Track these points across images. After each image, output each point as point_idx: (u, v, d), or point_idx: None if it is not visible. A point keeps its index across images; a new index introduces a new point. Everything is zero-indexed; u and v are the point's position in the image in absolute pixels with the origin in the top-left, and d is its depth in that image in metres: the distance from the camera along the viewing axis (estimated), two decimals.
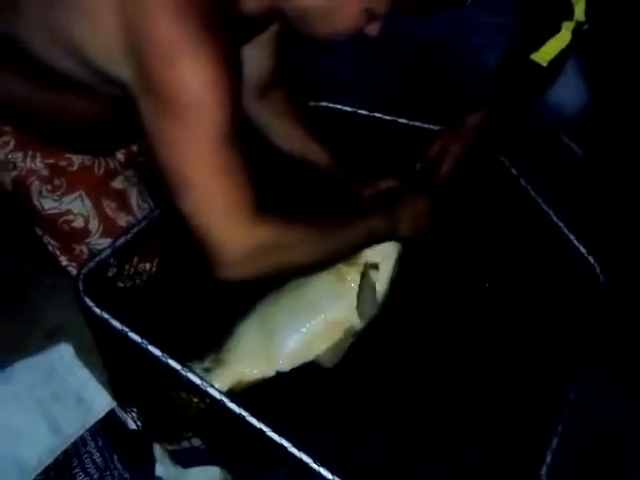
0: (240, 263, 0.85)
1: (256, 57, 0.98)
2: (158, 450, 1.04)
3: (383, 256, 1.09)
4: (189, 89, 0.76)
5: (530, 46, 1.25)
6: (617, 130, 1.80)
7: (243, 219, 0.83)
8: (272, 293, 1.04)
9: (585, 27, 1.25)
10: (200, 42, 0.75)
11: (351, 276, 1.06)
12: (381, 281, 1.05)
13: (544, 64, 1.25)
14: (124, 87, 0.81)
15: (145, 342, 0.86)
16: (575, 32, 1.24)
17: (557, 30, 1.24)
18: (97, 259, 0.98)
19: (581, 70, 1.44)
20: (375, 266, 1.08)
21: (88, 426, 1.04)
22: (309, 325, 1.03)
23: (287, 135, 1.18)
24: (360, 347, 1.06)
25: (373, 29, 0.89)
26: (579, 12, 1.23)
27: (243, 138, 0.83)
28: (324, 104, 1.31)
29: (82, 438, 1.03)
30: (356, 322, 1.05)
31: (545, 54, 1.25)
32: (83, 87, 0.89)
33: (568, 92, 1.40)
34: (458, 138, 1.24)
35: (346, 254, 1.01)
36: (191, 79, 0.76)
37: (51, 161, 1.08)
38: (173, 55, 0.75)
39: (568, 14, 1.23)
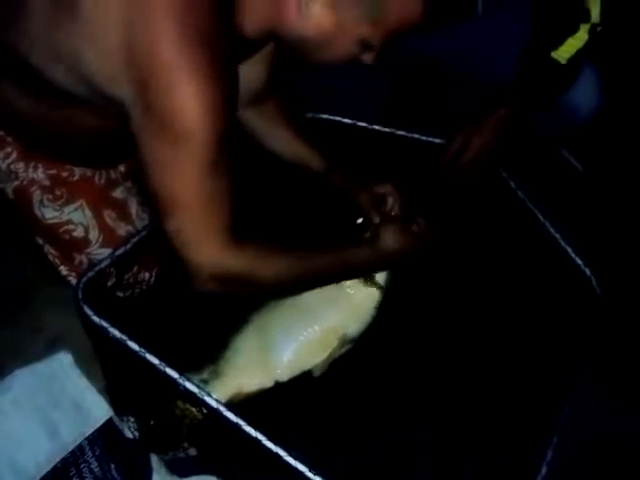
0: (211, 283, 0.87)
1: (251, 68, 0.99)
2: (155, 460, 1.05)
3: None
4: (185, 117, 0.77)
5: (550, 44, 1.26)
6: (616, 144, 1.81)
7: (220, 245, 0.85)
8: (268, 303, 1.05)
9: (599, 29, 1.27)
10: (200, 69, 0.76)
11: (347, 286, 1.06)
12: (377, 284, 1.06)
13: (563, 62, 1.26)
14: (122, 106, 0.82)
15: (143, 350, 0.87)
16: (590, 33, 1.26)
17: (575, 30, 1.26)
18: (96, 268, 0.99)
19: (595, 72, 1.45)
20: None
21: (86, 434, 1.05)
22: (306, 333, 1.03)
23: (280, 140, 1.19)
24: (355, 356, 1.06)
25: (369, 58, 0.90)
26: (595, 14, 1.25)
27: (234, 161, 0.85)
28: (324, 116, 1.32)
29: (80, 446, 1.04)
30: (352, 329, 1.05)
31: (564, 52, 1.26)
32: (84, 103, 0.90)
33: (583, 93, 1.41)
34: (482, 132, 1.25)
35: (323, 285, 1.01)
36: (188, 107, 0.77)
37: (53, 172, 1.09)
38: (173, 81, 0.76)
39: (585, 17, 1.25)
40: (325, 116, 1.32)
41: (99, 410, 1.07)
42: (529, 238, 1.29)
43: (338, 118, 1.32)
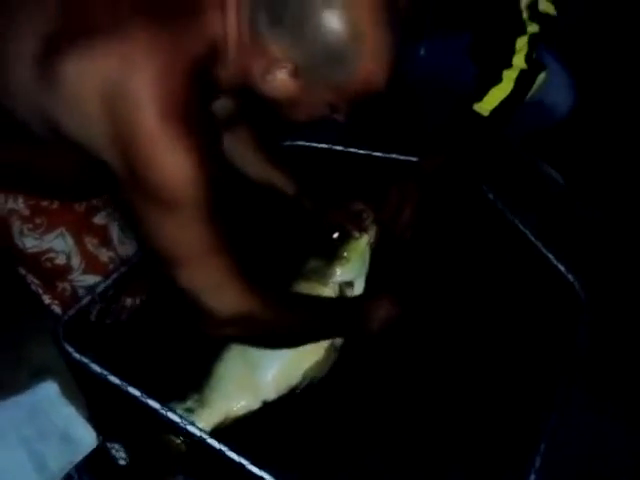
0: (229, 327, 0.92)
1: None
2: None
3: (356, 273, 1.12)
4: (172, 187, 0.80)
5: (475, 95, 1.28)
6: (594, 154, 1.83)
7: (231, 290, 0.89)
8: None
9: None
10: (181, 138, 0.78)
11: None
12: None
13: (485, 114, 1.28)
14: (105, 164, 0.83)
15: (125, 384, 0.87)
16: (519, 81, 1.27)
17: (498, 80, 1.27)
18: (77, 307, 0.99)
19: (567, 71, 1.47)
20: (350, 284, 1.10)
21: (75, 463, 1.05)
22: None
23: (253, 164, 1.22)
24: (341, 374, 1.07)
25: (339, 117, 0.93)
26: (519, 60, 1.26)
27: (227, 213, 0.88)
28: (300, 143, 1.33)
29: (69, 476, 1.04)
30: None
31: (487, 104, 1.27)
32: (61, 151, 0.90)
33: (557, 93, 1.42)
34: (413, 187, 1.27)
35: (318, 339, 1.06)
36: (174, 178, 0.79)
37: (32, 202, 1.09)
38: (155, 153, 0.78)
39: (507, 62, 1.26)
40: (302, 143, 1.33)
41: (87, 438, 1.06)
42: (510, 247, 1.29)
43: (314, 144, 1.33)
